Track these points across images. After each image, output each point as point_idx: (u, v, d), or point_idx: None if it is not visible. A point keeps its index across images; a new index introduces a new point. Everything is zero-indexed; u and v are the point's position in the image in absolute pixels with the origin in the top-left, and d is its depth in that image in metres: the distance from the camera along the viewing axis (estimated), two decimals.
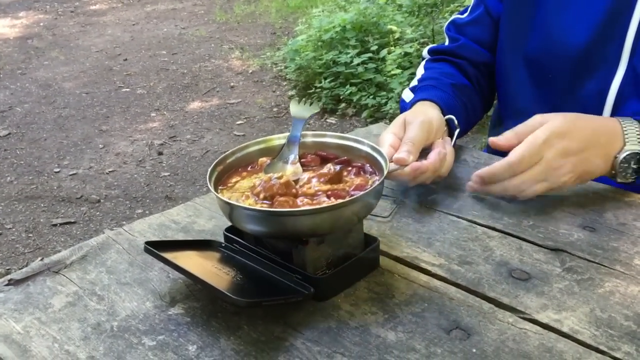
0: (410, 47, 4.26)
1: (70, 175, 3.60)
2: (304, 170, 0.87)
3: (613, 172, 0.96)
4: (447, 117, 1.10)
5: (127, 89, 4.94)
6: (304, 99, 0.98)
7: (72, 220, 3.13)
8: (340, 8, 5.48)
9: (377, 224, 0.93)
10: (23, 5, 7.76)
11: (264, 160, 0.90)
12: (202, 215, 0.98)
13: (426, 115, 1.05)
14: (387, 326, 0.71)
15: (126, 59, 5.65)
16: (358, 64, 4.37)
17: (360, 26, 4.71)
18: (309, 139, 0.92)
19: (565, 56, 1.12)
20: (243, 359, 0.67)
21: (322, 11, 5.45)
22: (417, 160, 0.95)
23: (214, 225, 0.95)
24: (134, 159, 3.77)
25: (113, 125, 4.27)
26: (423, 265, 0.83)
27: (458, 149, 1.17)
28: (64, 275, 0.84)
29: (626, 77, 1.08)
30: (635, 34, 1.06)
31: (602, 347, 0.67)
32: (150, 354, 0.69)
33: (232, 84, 4.98)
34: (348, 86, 4.32)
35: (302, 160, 0.90)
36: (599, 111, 1.11)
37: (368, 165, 0.87)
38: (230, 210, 0.77)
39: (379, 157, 0.85)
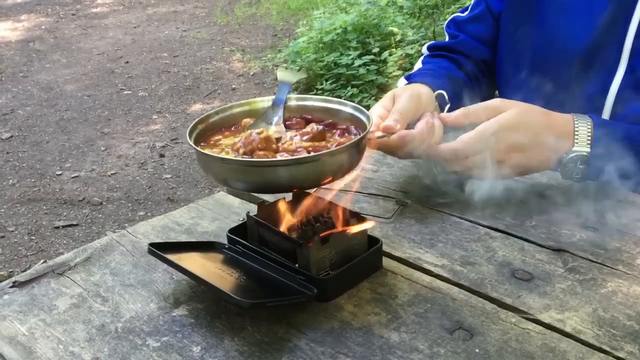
0: (412, 48, 4.27)
1: (72, 177, 3.60)
2: (287, 132, 0.87)
3: (559, 169, 0.98)
4: (437, 92, 1.09)
5: (129, 92, 4.95)
6: (291, 66, 0.98)
7: (75, 223, 3.13)
8: (341, 10, 5.49)
9: (380, 225, 0.93)
10: (25, 8, 7.78)
11: (248, 121, 0.90)
12: (205, 217, 0.99)
13: (415, 89, 1.06)
14: (390, 327, 0.72)
15: (128, 62, 5.66)
16: (359, 66, 4.38)
17: (362, 28, 4.71)
18: (293, 102, 0.93)
19: (565, 57, 1.13)
20: None
21: (323, 13, 5.46)
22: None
23: (217, 226, 0.95)
24: (136, 162, 3.77)
25: (115, 127, 4.28)
26: (426, 266, 0.83)
27: None
28: (68, 277, 0.84)
29: (626, 79, 1.09)
30: (634, 36, 1.06)
31: (604, 347, 0.68)
32: (155, 355, 0.69)
33: (233, 86, 4.99)
34: (349, 88, 4.32)
35: (287, 122, 0.90)
36: (598, 112, 1.11)
37: (353, 127, 0.87)
38: (208, 162, 0.77)
39: (362, 117, 0.85)
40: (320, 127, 0.85)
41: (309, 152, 0.79)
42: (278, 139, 0.83)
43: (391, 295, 0.77)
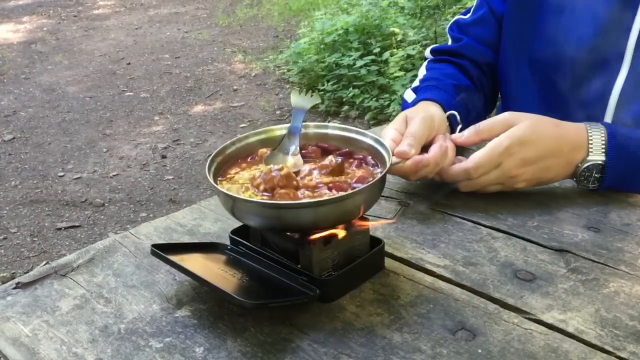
0: (413, 49, 4.27)
1: (75, 179, 3.61)
2: (304, 162, 0.87)
3: (575, 179, 0.97)
4: (448, 113, 1.10)
5: (131, 93, 4.95)
6: (304, 90, 0.97)
7: (77, 224, 3.14)
8: (342, 11, 5.50)
9: (382, 226, 0.93)
10: (26, 10, 7.79)
11: (264, 151, 0.89)
12: (208, 218, 0.99)
13: (427, 111, 1.06)
14: (393, 327, 0.72)
15: (129, 63, 5.67)
16: (361, 67, 4.38)
17: (363, 28, 4.72)
18: (310, 130, 0.92)
19: (568, 57, 1.13)
20: None
21: (325, 14, 5.46)
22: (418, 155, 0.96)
23: (219, 227, 0.96)
24: (138, 163, 3.78)
25: (117, 129, 4.29)
26: (428, 266, 0.83)
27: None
28: (71, 279, 0.85)
29: (629, 79, 1.08)
30: (637, 36, 1.06)
31: (607, 347, 0.68)
32: (158, 356, 0.69)
33: (235, 87, 4.99)
34: (351, 88, 4.32)
35: (302, 151, 0.89)
36: (601, 113, 1.11)
37: (370, 157, 0.87)
38: (232, 203, 0.76)
39: (381, 149, 0.85)
40: (339, 159, 0.84)
41: (329, 188, 0.79)
42: (296, 173, 0.83)
43: (393, 295, 0.78)
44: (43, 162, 3.83)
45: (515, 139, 0.94)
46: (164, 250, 0.78)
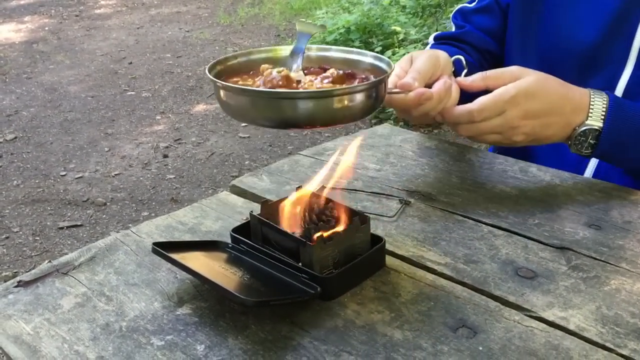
0: (415, 47, 4.27)
1: (76, 178, 3.61)
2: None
3: (569, 142, 0.98)
4: (454, 57, 1.10)
5: (132, 92, 4.96)
6: (310, 21, 0.97)
7: (79, 223, 3.14)
8: (344, 9, 5.50)
9: (383, 224, 0.93)
10: (28, 9, 7.80)
11: (266, 66, 0.88)
12: (209, 217, 0.99)
13: (433, 52, 1.06)
14: (394, 325, 0.72)
15: (131, 63, 5.67)
16: None
17: (364, 27, 4.72)
18: (313, 53, 0.92)
19: (573, 53, 1.12)
20: (251, 358, 0.68)
21: (326, 13, 5.46)
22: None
23: (220, 226, 0.96)
24: (140, 162, 3.78)
25: (118, 128, 4.29)
26: (429, 264, 0.83)
27: (463, 149, 1.17)
28: (72, 277, 0.85)
29: (633, 77, 1.08)
30: None
31: (608, 345, 0.68)
32: (159, 353, 0.69)
33: None
34: None
35: (304, 71, 0.89)
36: None
37: (373, 76, 0.87)
38: (230, 95, 0.76)
39: (382, 64, 0.85)
40: (340, 71, 0.84)
41: None
42: (298, 82, 0.82)
43: (394, 293, 0.78)
44: (45, 162, 3.84)
45: (523, 89, 0.95)
46: (165, 248, 0.78)
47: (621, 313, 0.72)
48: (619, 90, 1.10)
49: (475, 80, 1.00)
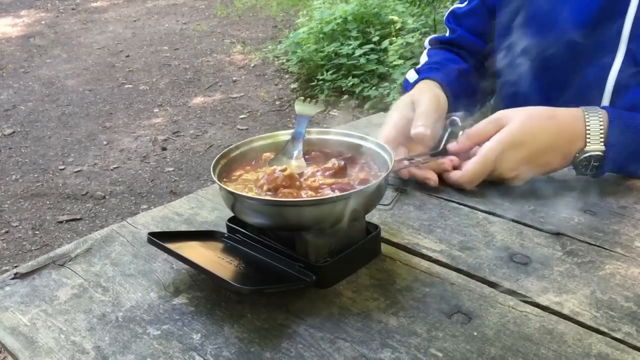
0: (412, 37, 4.25)
1: (75, 172, 3.62)
2: (308, 166, 0.87)
3: (573, 167, 0.96)
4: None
5: (130, 86, 4.95)
6: (308, 99, 0.98)
7: (78, 217, 3.15)
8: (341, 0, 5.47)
9: (379, 212, 0.93)
10: (24, 3, 7.77)
11: (268, 155, 0.90)
12: (205, 207, 0.99)
13: (432, 91, 1.07)
14: (389, 312, 0.72)
15: (128, 56, 5.66)
16: (360, 56, 4.37)
17: (362, 17, 4.70)
18: (313, 136, 0.93)
19: (563, 43, 1.12)
20: (247, 346, 0.68)
21: (323, 3, 5.43)
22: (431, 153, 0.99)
23: (216, 216, 0.96)
24: (138, 155, 3.78)
25: (116, 121, 4.29)
26: (424, 251, 0.83)
27: None
28: (69, 268, 0.85)
29: (625, 65, 1.08)
30: (633, 21, 1.05)
31: (602, 328, 0.68)
32: (155, 343, 0.70)
33: (234, 78, 4.99)
34: (350, 78, 4.32)
35: (305, 156, 0.91)
36: (598, 99, 1.11)
37: (372, 162, 0.88)
38: (233, 200, 0.77)
39: (383, 154, 0.85)
40: (342, 162, 0.85)
41: (332, 189, 0.80)
42: (300, 174, 0.83)
43: (390, 281, 0.78)
44: (43, 156, 3.84)
45: (507, 143, 0.94)
46: (160, 239, 0.78)
47: (615, 297, 0.73)
48: (611, 80, 1.09)
49: (462, 143, 0.99)
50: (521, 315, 0.70)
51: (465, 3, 1.35)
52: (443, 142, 1.02)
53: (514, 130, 0.94)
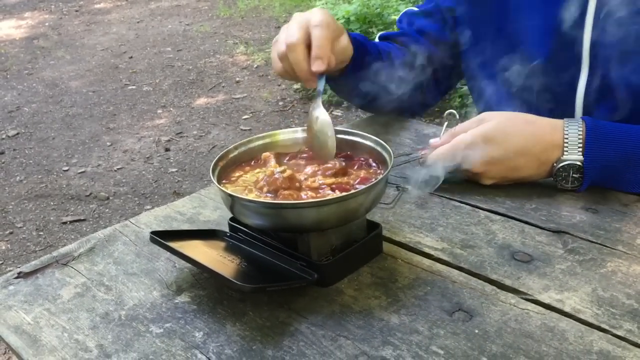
0: None
1: (79, 173, 3.62)
2: (307, 165, 0.88)
3: (552, 179, 0.95)
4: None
5: (133, 87, 4.96)
6: None
7: (82, 218, 3.15)
8: (343, 0, 5.47)
9: (380, 211, 0.93)
10: (28, 5, 7.80)
11: (267, 155, 0.90)
12: (207, 207, 0.99)
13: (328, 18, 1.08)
14: (391, 309, 0.72)
15: (132, 57, 5.67)
16: None
17: (364, 17, 4.70)
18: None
19: (531, 63, 1.09)
20: (249, 344, 0.68)
21: (326, 3, 5.44)
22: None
23: (219, 215, 0.96)
24: (142, 156, 3.79)
25: (120, 122, 4.29)
26: (426, 249, 0.84)
27: None
28: (72, 267, 0.85)
29: (589, 83, 1.07)
30: (590, 40, 1.04)
31: (603, 326, 0.68)
32: (158, 341, 0.70)
33: (237, 79, 4.99)
34: None
35: (304, 154, 0.91)
36: (569, 116, 1.09)
37: (371, 159, 0.88)
38: (233, 203, 0.78)
39: (383, 152, 0.85)
40: (343, 162, 0.86)
41: (332, 189, 0.80)
42: (299, 174, 0.84)
43: (391, 279, 0.78)
44: (47, 157, 3.85)
45: (479, 136, 0.94)
46: (163, 237, 0.78)
47: (617, 295, 0.73)
48: (580, 95, 1.08)
49: (444, 138, 1.00)
50: (522, 313, 0.70)
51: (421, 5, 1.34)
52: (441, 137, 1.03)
53: (489, 127, 0.95)
